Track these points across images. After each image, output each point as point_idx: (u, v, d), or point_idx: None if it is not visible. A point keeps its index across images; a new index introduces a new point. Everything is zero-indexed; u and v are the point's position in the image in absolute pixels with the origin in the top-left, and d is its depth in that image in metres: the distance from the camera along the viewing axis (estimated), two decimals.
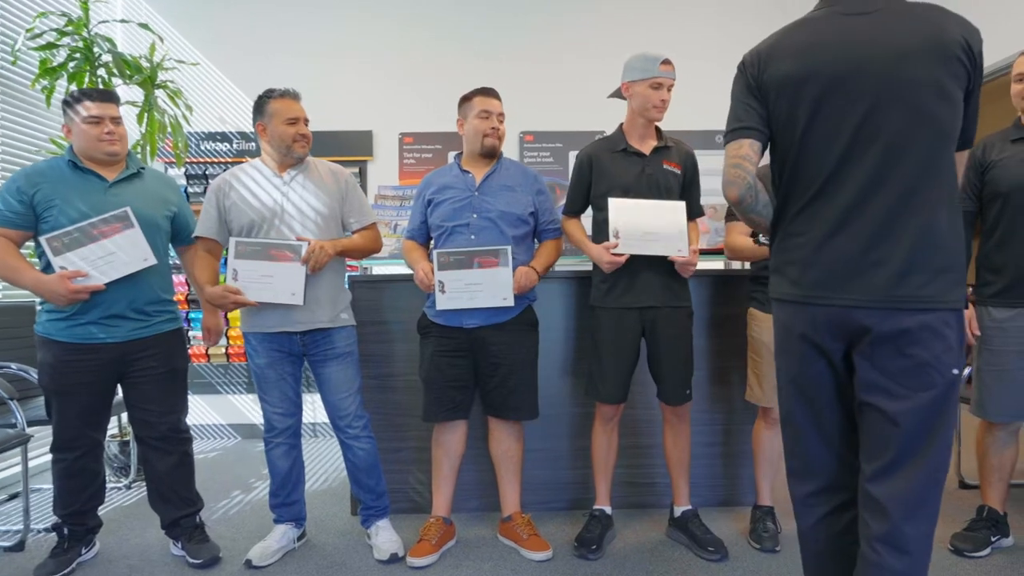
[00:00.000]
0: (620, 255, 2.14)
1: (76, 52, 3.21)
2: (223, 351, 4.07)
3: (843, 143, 1.27)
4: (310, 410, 2.57)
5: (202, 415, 4.10)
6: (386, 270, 3.29)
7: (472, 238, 2.24)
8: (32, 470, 2.81)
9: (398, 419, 2.70)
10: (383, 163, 4.13)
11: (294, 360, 2.27)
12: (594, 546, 2.25)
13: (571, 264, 3.03)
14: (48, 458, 2.22)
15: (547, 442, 2.69)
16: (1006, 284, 2.18)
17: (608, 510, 2.39)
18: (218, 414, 4.11)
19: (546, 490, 2.71)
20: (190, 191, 4.07)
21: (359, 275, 2.81)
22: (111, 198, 2.15)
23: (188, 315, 3.90)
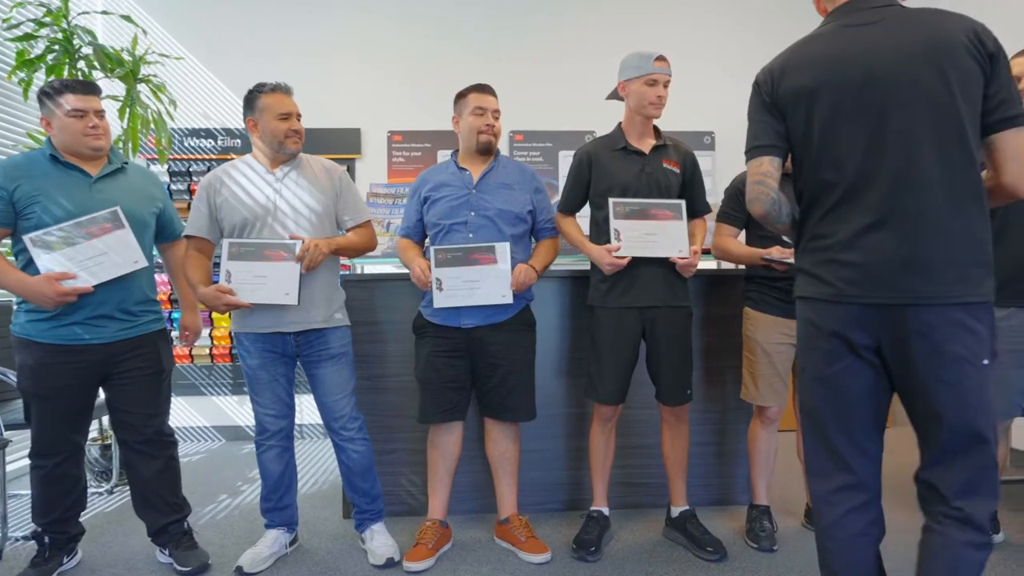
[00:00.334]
0: (622, 258, 2.11)
1: (55, 44, 3.08)
2: (207, 352, 3.95)
3: (863, 148, 1.30)
4: (297, 411, 2.48)
5: (186, 417, 3.98)
6: (377, 269, 3.23)
7: (470, 236, 2.19)
8: (9, 475, 2.69)
9: (391, 420, 2.63)
10: (372, 161, 4.05)
11: (287, 361, 2.19)
12: (593, 548, 2.21)
13: (566, 263, 2.99)
14: (26, 463, 2.11)
15: (542, 443, 2.64)
16: (997, 284, 2.19)
17: (605, 511, 2.35)
18: (202, 416, 3.99)
19: (541, 491, 2.67)
20: (173, 188, 3.94)
21: (350, 274, 2.73)
22: (96, 194, 2.05)
23: (171, 315, 3.78)
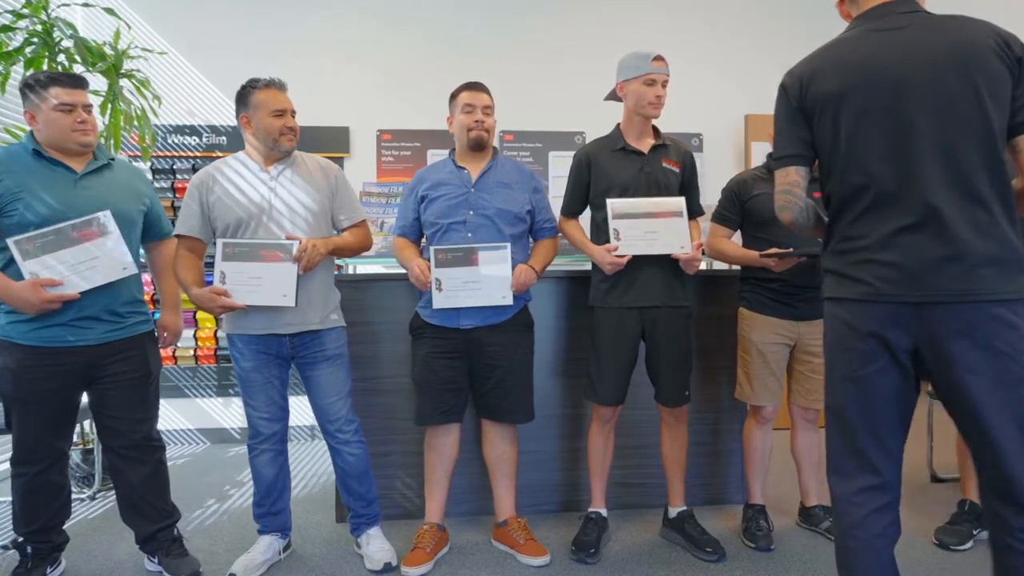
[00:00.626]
0: (622, 256, 2.09)
1: (34, 36, 2.96)
2: (191, 353, 3.85)
3: (894, 152, 1.30)
4: None
5: (169, 420, 3.85)
6: (367, 269, 3.17)
7: (469, 236, 2.15)
8: None
9: (385, 422, 2.58)
10: (360, 160, 3.97)
11: (281, 363, 2.13)
12: (592, 549, 2.19)
13: (562, 263, 2.96)
14: (5, 469, 2.01)
15: (537, 444, 2.60)
16: None
17: (604, 512, 2.32)
18: (185, 418, 3.88)
19: (537, 492, 2.64)
20: (156, 186, 3.81)
21: (342, 274, 2.67)
22: (81, 191, 1.97)
23: (154, 316, 3.66)
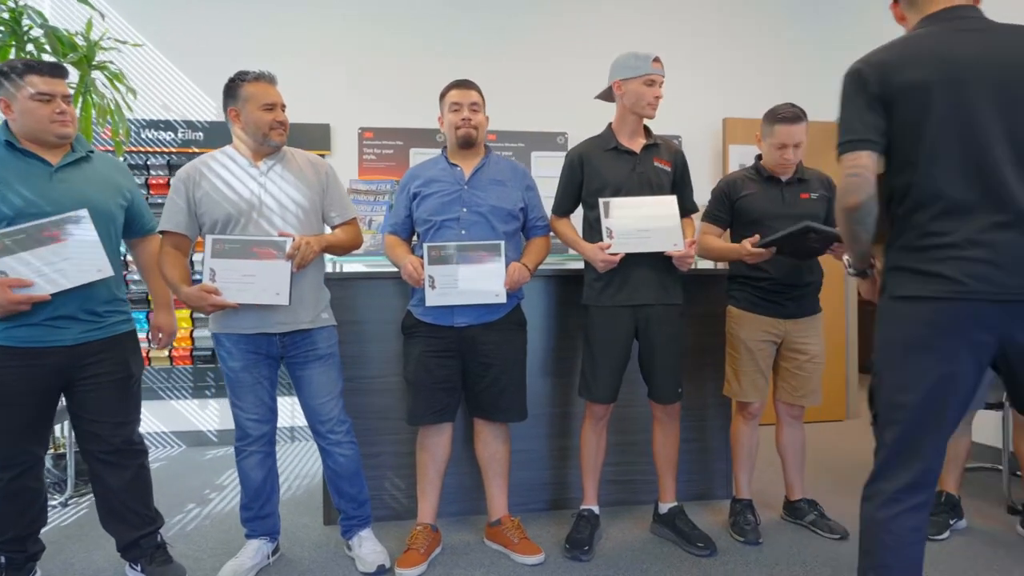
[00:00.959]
0: (615, 254, 2.08)
1: (1, 25, 2.84)
2: (166, 354, 3.72)
3: (984, 148, 1.30)
4: None
5: (143, 422, 3.69)
6: (353, 267, 3.10)
7: (462, 233, 2.12)
8: None
9: (374, 423, 2.53)
10: (342, 158, 3.89)
11: (271, 363, 2.06)
12: (586, 547, 2.17)
13: (552, 262, 2.95)
14: None
15: (526, 443, 2.58)
16: None
17: (596, 510, 2.31)
18: (160, 421, 3.75)
19: (526, 491, 2.61)
20: None
21: (329, 273, 2.60)
22: (57, 184, 1.87)
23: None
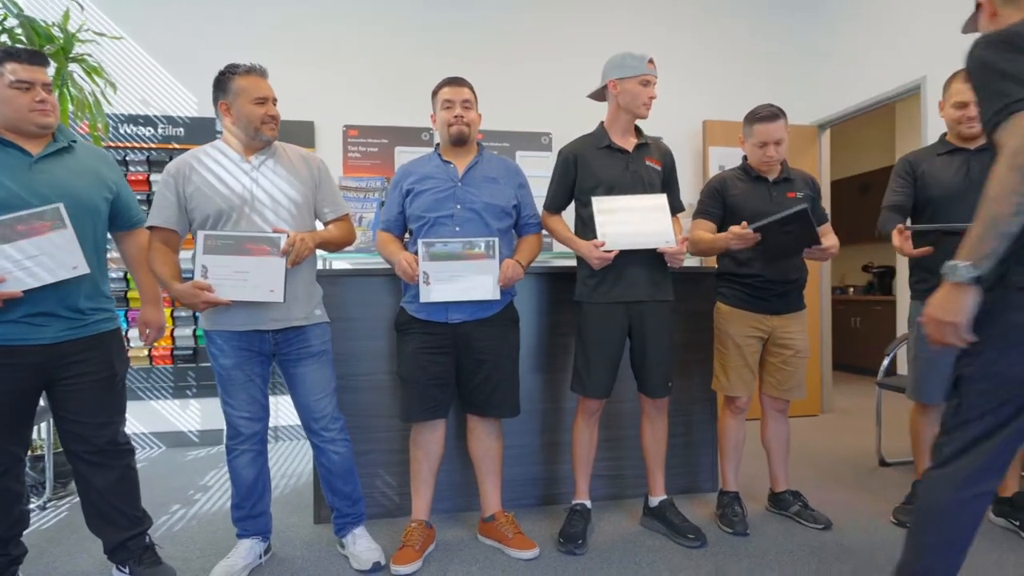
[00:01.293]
0: (609, 252, 2.10)
1: None
2: (145, 353, 3.63)
3: None
4: None
5: None
6: (340, 264, 3.07)
7: (457, 229, 2.11)
8: None
9: (364, 420, 2.50)
10: (326, 156, 3.83)
11: (263, 360, 2.02)
12: (580, 540, 2.18)
13: (541, 259, 2.95)
14: None
15: (517, 439, 2.58)
16: (939, 281, 2.34)
17: (588, 504, 2.33)
18: (139, 422, 3.65)
19: (517, 487, 2.61)
20: None
21: (319, 269, 2.57)
22: (38, 175, 1.79)
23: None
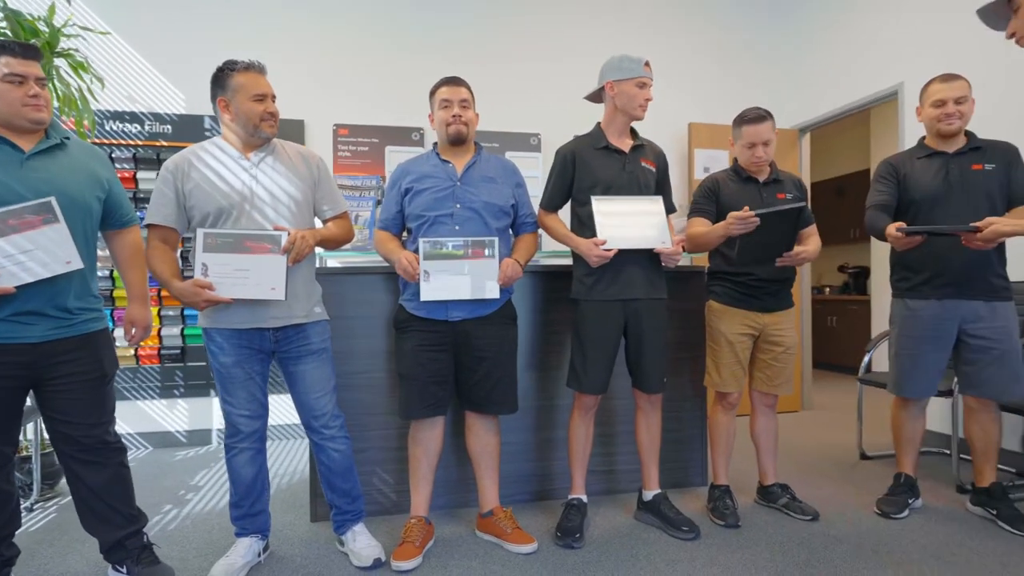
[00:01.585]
0: (609, 250, 2.12)
1: None
2: (132, 352, 3.56)
3: None
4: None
5: None
6: (332, 263, 3.04)
7: (456, 228, 2.12)
8: None
9: (361, 418, 2.49)
10: None
11: (263, 358, 2.01)
12: (577, 534, 2.20)
13: (534, 258, 2.97)
14: None
15: (511, 435, 2.59)
16: (922, 279, 2.41)
17: (584, 499, 2.35)
18: (125, 422, 3.58)
19: (512, 483, 2.62)
20: None
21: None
22: (30, 172, 1.76)
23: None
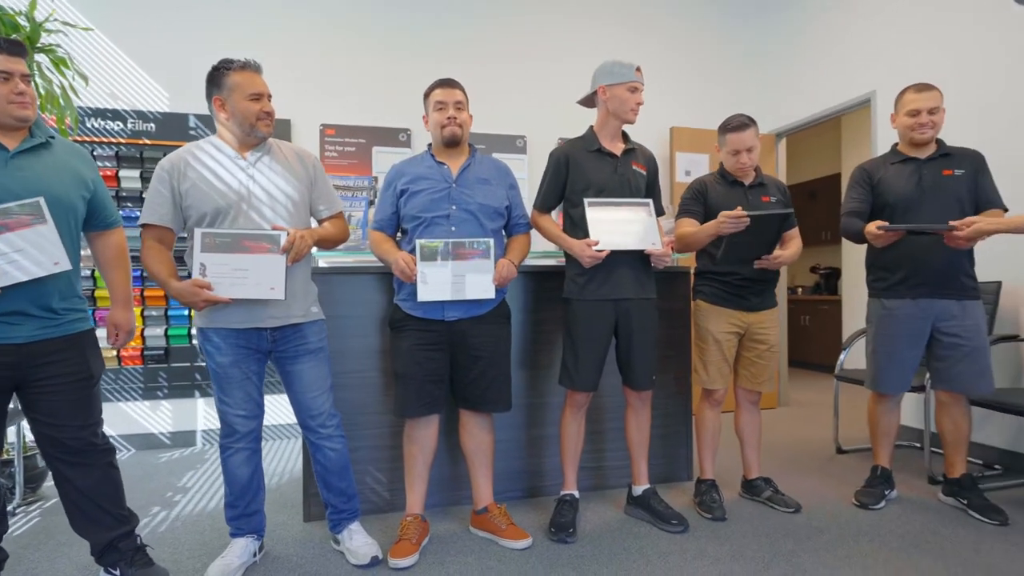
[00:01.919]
0: (602, 251, 2.15)
1: None
2: (114, 353, 3.49)
3: None
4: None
5: None
6: (324, 263, 3.02)
7: (452, 230, 2.13)
8: None
9: (354, 418, 2.49)
10: None
11: (260, 358, 1.99)
12: (570, 529, 2.23)
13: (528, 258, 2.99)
14: None
15: (503, 433, 2.59)
16: (897, 279, 2.50)
17: (576, 494, 2.38)
18: (107, 424, 3.48)
19: (503, 480, 2.64)
20: None
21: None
22: (15, 171, 1.72)
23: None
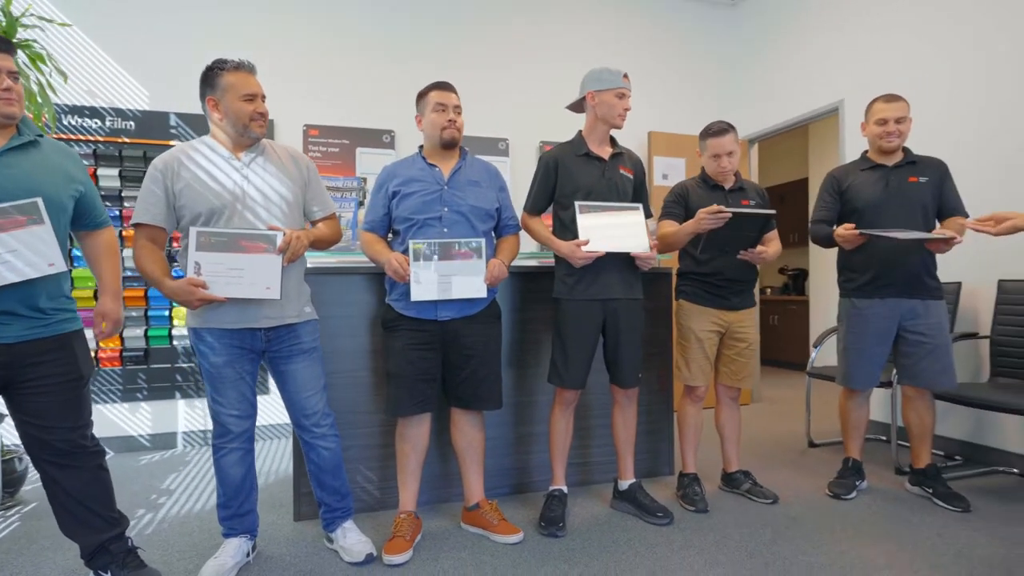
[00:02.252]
0: (592, 252, 2.20)
1: None
2: (93, 355, 3.40)
3: None
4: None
5: None
6: (313, 262, 3.01)
7: (444, 231, 2.15)
8: None
9: (344, 417, 2.48)
10: None
11: (254, 358, 1.99)
12: (560, 524, 2.27)
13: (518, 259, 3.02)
14: None
15: (491, 431, 2.62)
16: (866, 280, 2.60)
17: (565, 489, 2.42)
18: None
19: (492, 477, 2.66)
20: None
21: None
22: (4, 170, 1.69)
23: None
